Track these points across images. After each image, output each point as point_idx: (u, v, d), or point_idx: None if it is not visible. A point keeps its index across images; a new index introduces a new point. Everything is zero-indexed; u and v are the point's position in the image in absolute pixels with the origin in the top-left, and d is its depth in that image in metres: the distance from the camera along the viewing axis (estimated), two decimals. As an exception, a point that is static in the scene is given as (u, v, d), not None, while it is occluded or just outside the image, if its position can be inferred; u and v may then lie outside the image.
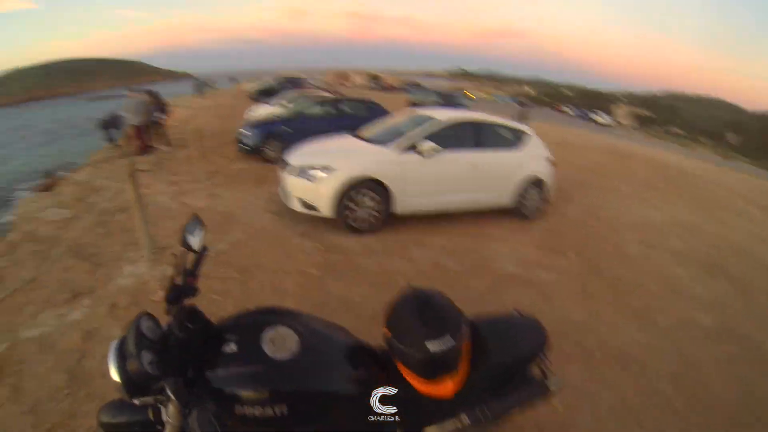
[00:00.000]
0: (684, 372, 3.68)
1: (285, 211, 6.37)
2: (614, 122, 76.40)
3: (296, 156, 6.24)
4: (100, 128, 13.06)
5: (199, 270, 1.52)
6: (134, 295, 4.07)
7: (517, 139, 6.96)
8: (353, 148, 6.28)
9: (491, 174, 6.50)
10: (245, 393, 1.35)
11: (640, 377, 3.52)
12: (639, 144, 32.30)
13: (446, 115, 6.54)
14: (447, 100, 23.58)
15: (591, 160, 14.45)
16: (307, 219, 6.06)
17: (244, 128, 10.64)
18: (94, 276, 4.51)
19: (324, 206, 5.63)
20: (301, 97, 13.84)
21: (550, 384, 1.77)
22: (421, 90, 29.43)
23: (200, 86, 34.23)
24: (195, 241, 1.50)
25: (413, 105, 20.37)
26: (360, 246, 5.48)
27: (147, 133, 11.56)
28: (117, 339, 1.31)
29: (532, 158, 6.93)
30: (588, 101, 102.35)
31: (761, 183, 22.44)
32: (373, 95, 18.30)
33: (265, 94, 23.07)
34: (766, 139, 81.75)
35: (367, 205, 5.70)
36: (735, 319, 4.80)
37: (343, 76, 70.28)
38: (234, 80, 44.99)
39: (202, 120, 16.54)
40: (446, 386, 1.59)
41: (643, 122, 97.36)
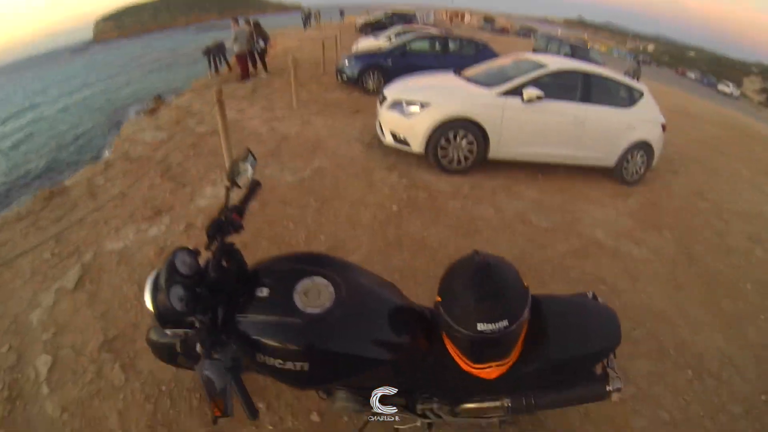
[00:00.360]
0: (761, 402, 3.07)
1: (376, 143, 6.21)
2: (740, 94, 68.92)
3: (393, 89, 5.99)
4: (204, 55, 13.56)
5: (247, 206, 1.47)
6: (211, 217, 4.08)
7: (630, 98, 6.24)
8: (453, 86, 5.88)
9: (597, 131, 5.89)
10: (268, 342, 1.27)
11: (713, 394, 3.00)
12: (766, 123, 28.85)
13: (555, 62, 5.98)
14: (577, 53, 18.09)
15: (708, 134, 12.85)
16: (398, 153, 5.86)
17: (346, 58, 10.54)
18: (177, 195, 4.67)
19: (415, 142, 5.40)
20: (408, 32, 13.41)
21: (611, 386, 1.49)
22: (550, 38, 23.61)
23: (307, 18, 34.50)
24: (244, 177, 1.47)
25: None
26: (448, 186, 5.20)
27: (248, 61, 11.88)
28: (155, 271, 1.26)
29: (644, 120, 6.21)
30: (715, 68, 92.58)
31: None
32: (485, 37, 17.32)
33: (374, 28, 22.88)
34: None
35: (461, 146, 5.39)
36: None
37: (456, 15, 68.51)
38: (342, 13, 44.85)
39: (307, 51, 16.52)
40: (491, 372, 1.39)
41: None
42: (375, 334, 1.40)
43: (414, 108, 5.37)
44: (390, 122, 5.63)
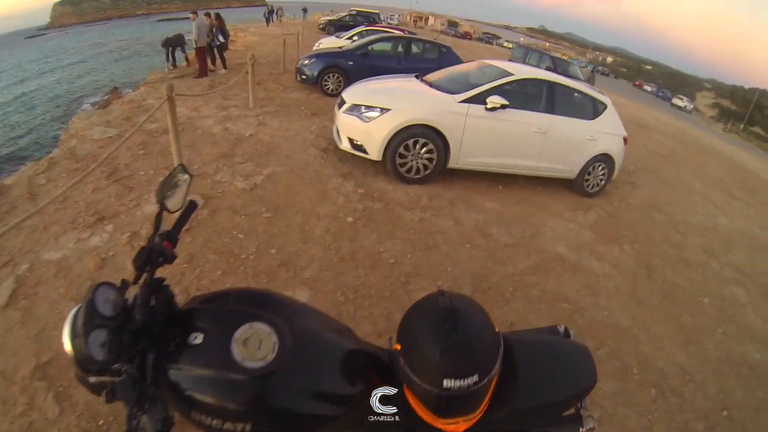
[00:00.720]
0: (722, 417, 3.11)
1: (332, 149, 5.98)
2: (693, 108, 71.64)
3: (352, 92, 5.76)
4: (162, 47, 13.09)
5: (181, 232, 1.25)
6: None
7: (594, 110, 6.20)
8: (415, 92, 5.68)
9: (560, 143, 5.81)
10: (203, 399, 1.07)
11: (677, 411, 3.01)
12: (717, 138, 29.86)
13: (521, 71, 5.89)
14: (559, 67, 15.31)
15: (663, 146, 13.20)
16: (354, 159, 5.65)
17: (306, 57, 10.20)
18: (122, 200, 4.35)
19: (373, 149, 5.18)
20: (370, 32, 13.19)
21: (584, 426, 1.40)
22: (529, 50, 20.08)
23: (269, 14, 34.03)
24: (176, 198, 1.27)
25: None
26: (405, 196, 5.02)
27: (208, 56, 11.48)
28: (76, 307, 1.05)
29: (606, 133, 6.18)
30: (670, 82, 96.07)
31: None
32: (448, 41, 17.18)
33: (337, 27, 22.65)
34: None
35: (420, 154, 5.22)
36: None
37: (421, 18, 69.00)
38: (306, 11, 44.25)
39: (268, 47, 16.19)
40: (458, 427, 1.20)
41: (724, 115, 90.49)
42: (326, 388, 1.21)
43: (373, 113, 5.15)
44: (347, 127, 5.38)
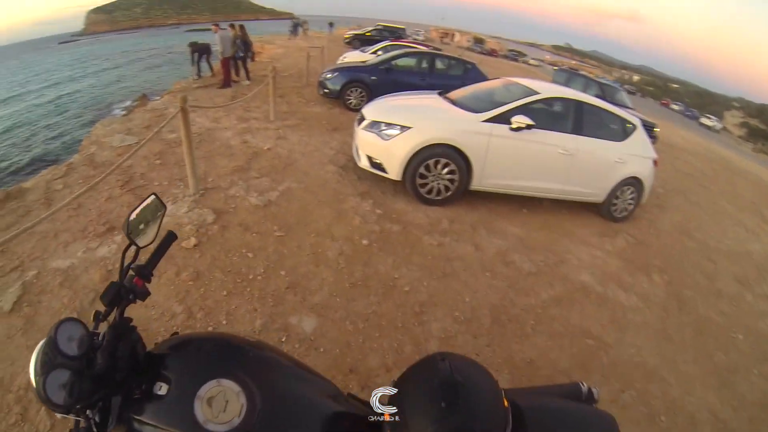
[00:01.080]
0: None
1: (351, 166, 5.82)
2: (722, 128, 70.07)
3: (372, 108, 5.61)
4: (189, 47, 13.08)
5: (155, 266, 1.15)
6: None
7: (623, 131, 5.94)
8: (437, 109, 5.49)
9: (588, 165, 5.56)
10: None
11: None
12: (746, 158, 29.06)
13: (547, 89, 5.68)
14: (607, 94, 12.53)
15: (692, 167, 12.80)
16: (373, 178, 5.48)
17: (328, 71, 10.09)
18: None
19: (392, 168, 5.01)
20: (395, 47, 13.09)
21: None
22: (571, 74, 16.41)
23: (294, 27, 34.20)
24: (147, 232, 1.22)
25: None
26: (425, 218, 4.82)
27: (232, 67, 11.53)
28: (43, 340, 0.95)
29: (635, 155, 5.91)
30: (697, 101, 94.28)
31: None
32: (474, 58, 16.95)
33: (362, 41, 22.67)
34: None
35: (442, 175, 5.02)
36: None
37: (447, 34, 69.18)
38: (332, 25, 44.47)
39: (292, 59, 16.27)
40: None
41: (753, 134, 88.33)
42: None
43: (393, 131, 4.98)
44: (366, 144, 5.22)
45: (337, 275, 3.59)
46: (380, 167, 5.12)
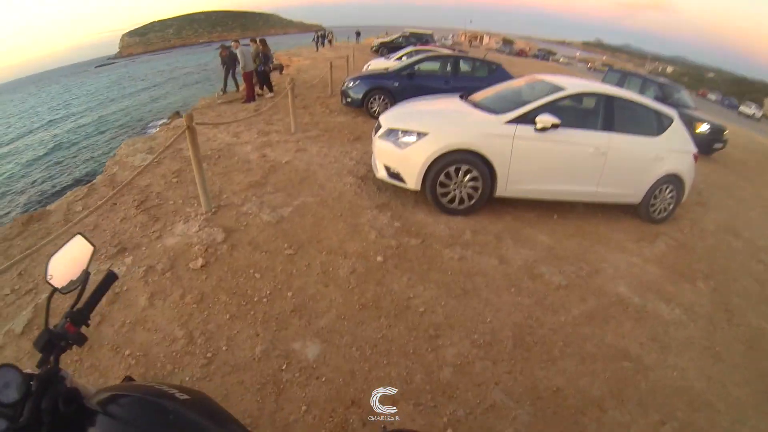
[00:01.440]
0: None
1: (371, 176, 5.58)
2: (762, 115, 66.44)
3: (389, 116, 5.36)
4: (221, 62, 13.25)
5: (92, 310, 1.13)
6: (174, 260, 3.75)
7: (658, 124, 5.48)
8: (456, 113, 5.22)
9: (622, 164, 5.16)
10: None
11: None
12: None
13: (574, 85, 5.29)
14: (668, 95, 11.51)
15: (733, 158, 12.03)
16: (394, 189, 5.22)
17: (350, 80, 9.93)
18: (146, 231, 4.29)
19: (410, 177, 4.75)
20: (418, 52, 12.86)
21: None
22: (626, 74, 14.27)
23: (320, 38, 34.49)
24: (69, 275, 1.16)
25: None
26: (446, 230, 4.53)
27: (255, 81, 11.57)
28: None
29: (673, 150, 5.46)
30: (734, 88, 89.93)
31: None
32: (503, 59, 16.43)
33: (389, 49, 22.58)
34: None
35: (464, 183, 4.73)
36: None
37: (475, 37, 68.80)
38: (359, 34, 44.65)
39: (318, 70, 16.24)
40: None
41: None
42: None
43: (409, 138, 4.72)
44: (383, 154, 4.98)
45: (347, 296, 3.37)
46: (398, 177, 4.86)
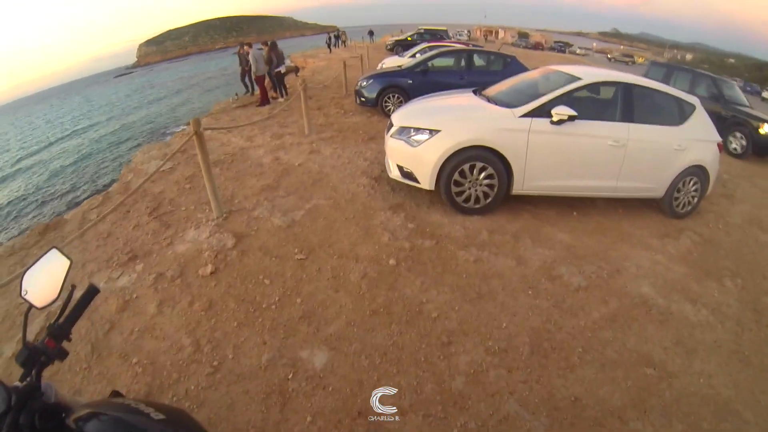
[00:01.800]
0: None
1: (385, 177, 5.46)
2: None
3: (401, 114, 5.23)
4: (240, 64, 13.23)
5: (72, 324, 1.14)
6: (183, 267, 3.74)
7: (680, 113, 5.21)
8: (469, 108, 5.07)
9: (643, 156, 4.93)
10: None
11: None
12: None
13: (590, 74, 5.08)
14: (724, 93, 10.47)
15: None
16: (409, 189, 5.09)
17: (363, 79, 9.82)
18: (157, 238, 4.30)
19: (424, 176, 4.61)
20: (431, 48, 12.69)
21: None
22: (671, 67, 12.62)
23: (330, 39, 34.61)
24: (46, 289, 1.13)
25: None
26: (461, 231, 4.38)
27: (268, 84, 11.59)
28: None
29: (697, 140, 5.20)
30: (756, 73, 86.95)
31: None
32: (519, 53, 16.08)
33: (404, 47, 22.45)
34: None
35: (479, 181, 4.58)
36: None
37: (491, 32, 68.22)
38: (372, 33, 44.45)
39: (333, 71, 16.20)
40: None
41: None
42: None
43: (421, 136, 4.59)
44: (395, 153, 4.86)
45: (358, 302, 3.27)
46: (411, 177, 4.74)
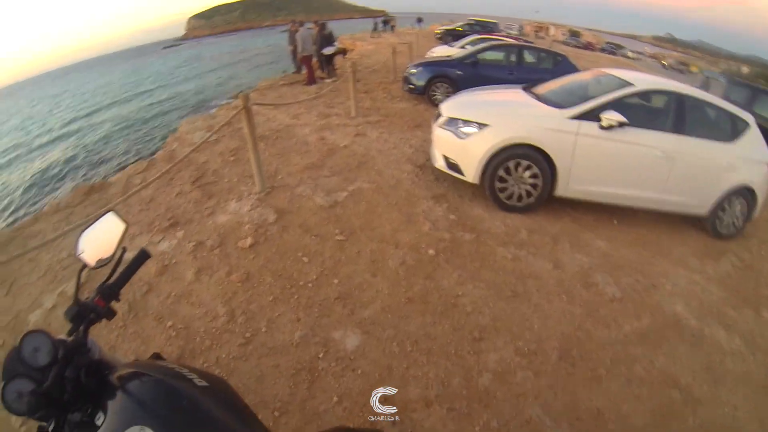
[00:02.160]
0: None
1: (430, 165, 5.44)
2: None
3: (450, 104, 5.24)
4: (290, 43, 13.14)
5: (122, 287, 1.12)
6: (223, 237, 3.84)
7: (733, 129, 4.99)
8: (518, 105, 5.03)
9: (690, 171, 4.77)
10: None
11: None
12: None
13: (644, 81, 4.96)
14: None
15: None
16: (453, 180, 5.07)
17: (412, 66, 9.80)
18: (199, 207, 4.42)
19: (469, 169, 4.61)
20: (482, 40, 12.58)
21: None
22: (758, 93, 9.28)
23: (378, 24, 34.75)
24: (100, 251, 1.16)
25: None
26: (502, 227, 4.37)
27: (316, 64, 11.66)
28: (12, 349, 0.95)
29: (747, 159, 5.00)
30: None
31: None
32: (569, 52, 15.65)
33: (454, 37, 22.25)
34: None
35: (524, 178, 4.55)
36: None
37: (541, 28, 66.81)
38: (421, 20, 43.99)
39: (381, 56, 16.16)
40: None
41: None
42: None
43: (470, 128, 4.58)
44: (442, 143, 4.87)
45: (394, 288, 3.30)
46: (456, 168, 4.75)
